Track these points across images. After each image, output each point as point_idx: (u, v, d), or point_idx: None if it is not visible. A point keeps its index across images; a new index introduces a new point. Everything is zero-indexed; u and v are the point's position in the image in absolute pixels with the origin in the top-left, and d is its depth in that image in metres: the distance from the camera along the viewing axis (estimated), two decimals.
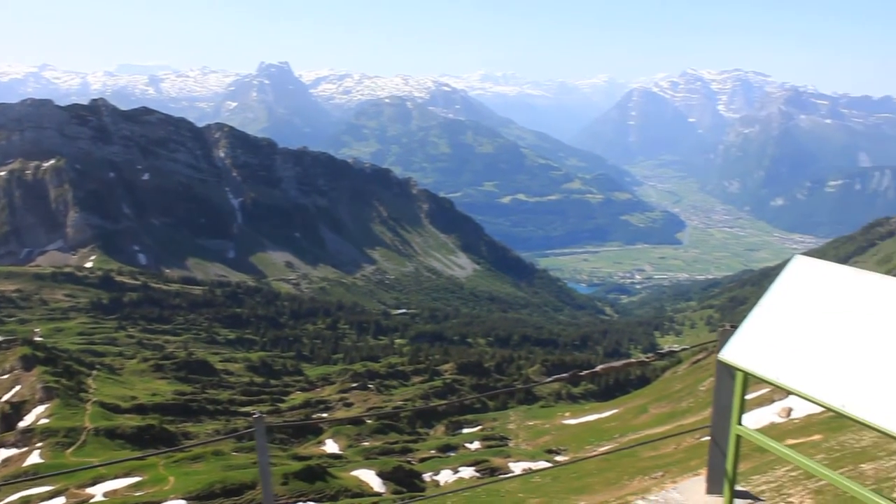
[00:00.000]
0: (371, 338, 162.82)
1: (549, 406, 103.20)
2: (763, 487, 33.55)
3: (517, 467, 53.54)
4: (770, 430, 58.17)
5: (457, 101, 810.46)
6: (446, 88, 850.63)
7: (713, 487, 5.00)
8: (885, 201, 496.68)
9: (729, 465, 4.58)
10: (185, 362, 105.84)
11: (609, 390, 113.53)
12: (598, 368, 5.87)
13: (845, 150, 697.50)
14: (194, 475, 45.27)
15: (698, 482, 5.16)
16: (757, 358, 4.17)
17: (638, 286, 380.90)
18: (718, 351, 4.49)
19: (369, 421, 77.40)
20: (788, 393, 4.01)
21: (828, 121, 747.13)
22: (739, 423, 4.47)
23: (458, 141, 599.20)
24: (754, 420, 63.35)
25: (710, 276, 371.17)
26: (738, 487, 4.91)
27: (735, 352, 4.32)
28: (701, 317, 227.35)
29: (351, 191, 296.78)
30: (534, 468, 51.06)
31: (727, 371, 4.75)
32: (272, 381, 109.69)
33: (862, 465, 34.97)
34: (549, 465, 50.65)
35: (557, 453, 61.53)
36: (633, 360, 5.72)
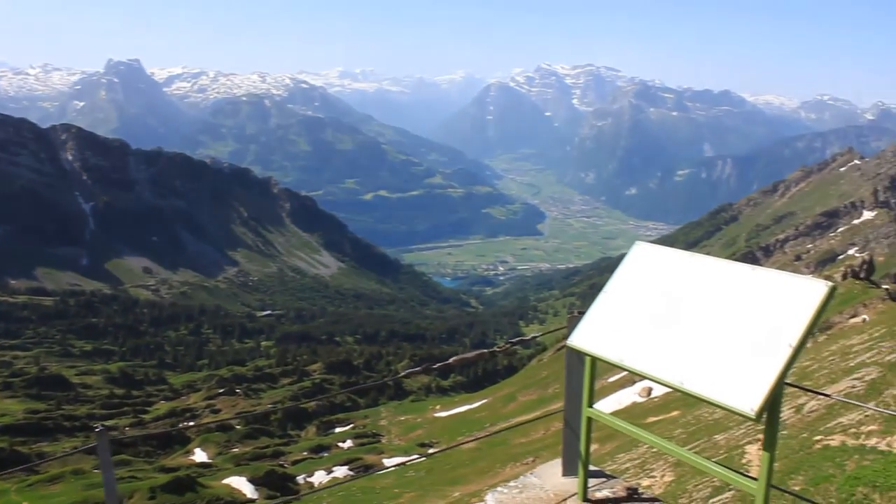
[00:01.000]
0: (236, 341, 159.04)
1: (420, 400, 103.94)
2: (627, 465, 35.15)
3: (391, 463, 53.75)
4: (633, 409, 60.81)
5: (315, 99, 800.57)
6: (304, 86, 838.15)
7: (569, 469, 5.17)
8: (727, 188, 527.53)
9: (582, 447, 4.77)
10: (38, 378, 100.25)
11: (478, 381, 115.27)
12: (451, 360, 6.03)
13: (691, 141, 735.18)
14: (52, 498, 43.11)
15: (555, 465, 5.33)
16: (603, 342, 4.37)
17: (501, 277, 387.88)
18: (567, 337, 4.64)
19: (238, 426, 75.76)
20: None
21: (674, 113, 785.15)
22: (590, 406, 4.67)
23: (318, 138, 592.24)
24: (617, 401, 66.04)
25: (571, 265, 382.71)
26: (592, 467, 5.13)
27: (582, 337, 4.51)
28: (563, 304, 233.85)
29: (209, 192, 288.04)
30: (408, 463, 51.39)
31: (576, 356, 4.87)
32: (134, 392, 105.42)
33: (715, 436, 37.15)
34: (421, 457, 51.13)
35: (430, 446, 62.12)
36: (484, 350, 5.84)
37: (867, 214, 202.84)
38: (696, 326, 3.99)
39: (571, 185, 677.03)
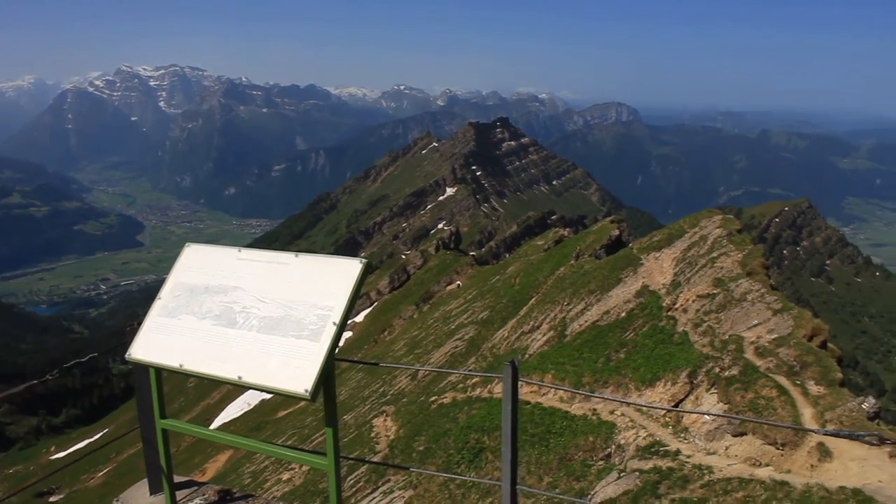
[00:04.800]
0: None
1: (31, 446, 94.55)
2: (265, 463, 35.19)
3: None
4: (263, 407, 61.31)
5: None
6: None
7: (155, 486, 5.00)
8: (323, 179, 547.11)
9: (163, 461, 4.67)
10: None
11: (96, 411, 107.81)
12: None
13: (283, 136, 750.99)
14: None
15: (141, 486, 5.12)
16: (163, 350, 4.33)
17: (105, 296, 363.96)
18: (126, 351, 4.54)
19: None
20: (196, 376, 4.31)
21: (264, 110, 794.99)
22: (163, 418, 4.58)
23: None
24: (246, 402, 66.07)
25: None
26: (179, 478, 5.08)
27: (142, 348, 4.43)
28: None
29: None
30: None
31: (142, 369, 4.72)
32: None
33: (344, 417, 38.68)
34: None
35: (51, 494, 56.74)
36: (34, 381, 5.58)
37: (449, 191, 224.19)
38: (250, 320, 4.14)
39: (168, 190, 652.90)
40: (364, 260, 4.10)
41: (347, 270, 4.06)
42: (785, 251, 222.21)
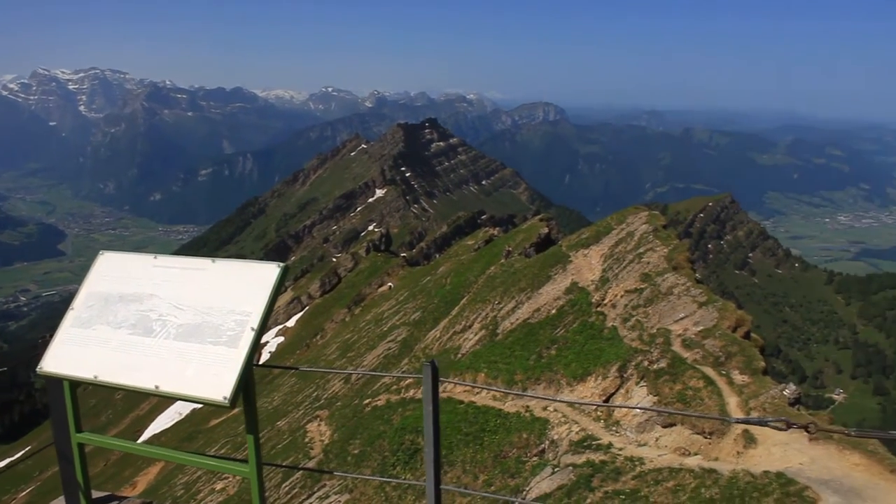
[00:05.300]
0: None
1: None
2: (198, 473, 34.50)
3: None
4: (194, 416, 60.25)
5: None
6: None
7: (72, 502, 4.82)
8: (251, 183, 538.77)
9: (79, 476, 4.55)
10: None
11: (16, 428, 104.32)
12: None
13: (209, 140, 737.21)
14: None
15: (58, 503, 4.95)
16: (77, 362, 4.21)
17: (25, 308, 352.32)
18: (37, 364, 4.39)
19: None
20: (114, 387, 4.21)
21: (189, 113, 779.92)
22: (79, 431, 4.46)
23: None
24: (177, 411, 64.77)
25: None
26: (98, 493, 4.95)
27: (54, 361, 4.30)
28: None
29: None
30: None
31: (55, 382, 4.55)
32: None
33: (278, 423, 38.27)
34: None
35: None
36: None
37: (379, 192, 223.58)
38: (167, 328, 4.06)
39: (90, 197, 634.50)
40: (281, 264, 4.05)
41: (265, 275, 4.01)
42: (709, 245, 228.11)
